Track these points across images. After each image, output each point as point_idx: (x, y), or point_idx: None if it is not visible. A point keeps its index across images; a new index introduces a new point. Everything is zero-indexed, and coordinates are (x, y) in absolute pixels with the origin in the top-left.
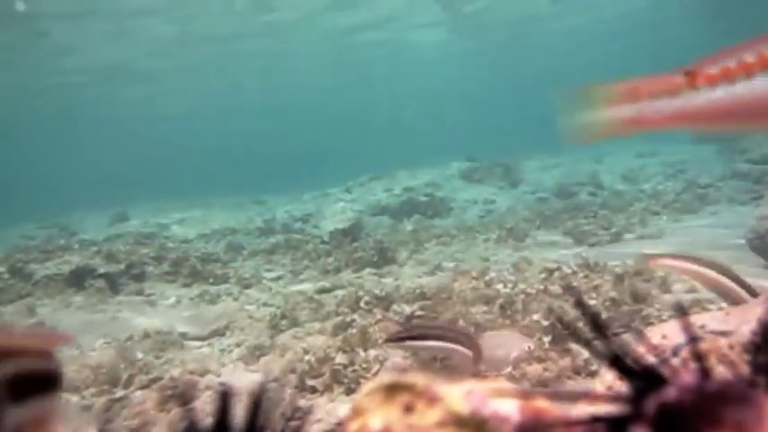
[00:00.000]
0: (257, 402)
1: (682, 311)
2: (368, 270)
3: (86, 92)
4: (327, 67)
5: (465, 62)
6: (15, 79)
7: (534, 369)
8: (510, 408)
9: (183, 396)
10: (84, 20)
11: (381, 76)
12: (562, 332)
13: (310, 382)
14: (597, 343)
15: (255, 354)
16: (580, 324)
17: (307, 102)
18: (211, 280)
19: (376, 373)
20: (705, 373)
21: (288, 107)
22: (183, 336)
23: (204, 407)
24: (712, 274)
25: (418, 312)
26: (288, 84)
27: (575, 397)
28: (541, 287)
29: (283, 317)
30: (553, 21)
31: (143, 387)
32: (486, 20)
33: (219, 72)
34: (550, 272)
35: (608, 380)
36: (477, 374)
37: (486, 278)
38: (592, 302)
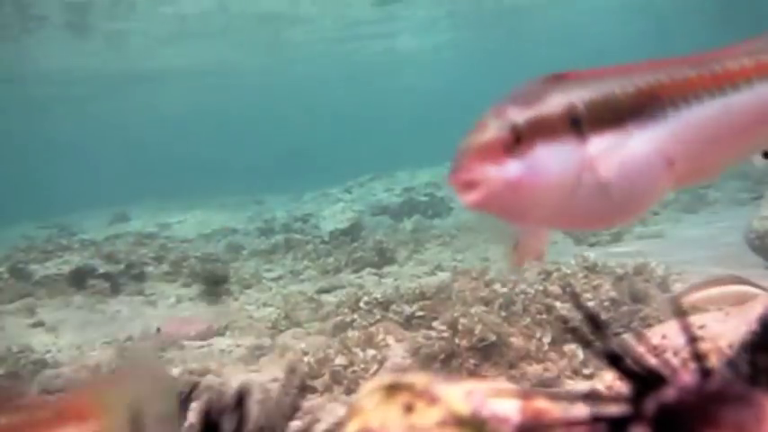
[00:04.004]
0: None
1: (681, 312)
2: (368, 270)
3: (87, 91)
4: (327, 67)
5: (463, 59)
6: (15, 78)
7: (534, 369)
8: (510, 408)
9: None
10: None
11: (380, 75)
12: (562, 332)
13: (310, 383)
14: (597, 343)
15: (255, 354)
16: (580, 324)
17: (307, 101)
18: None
19: (375, 373)
20: (705, 373)
21: (288, 107)
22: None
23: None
24: (738, 288)
25: (418, 312)
26: (288, 83)
27: (575, 397)
28: (541, 287)
29: (284, 317)
30: (551, 13)
31: None
32: (484, 14)
33: (220, 71)
34: (550, 272)
35: (608, 380)
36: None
37: (486, 278)
38: (591, 303)
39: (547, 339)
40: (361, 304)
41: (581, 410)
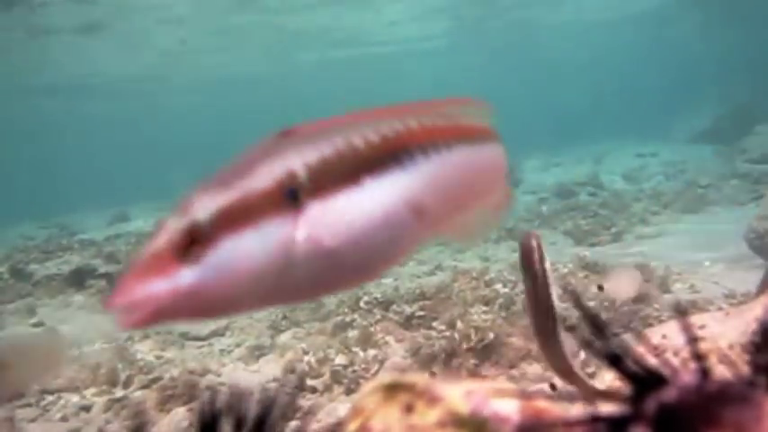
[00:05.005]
0: (262, 403)
1: (681, 312)
2: None
3: (86, 91)
4: (328, 68)
5: (463, 59)
6: (15, 77)
7: (534, 369)
8: (510, 408)
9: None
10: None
11: (380, 74)
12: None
13: (310, 383)
14: (597, 343)
15: (255, 354)
16: (580, 324)
17: (307, 101)
18: None
19: (375, 373)
20: (705, 373)
21: (288, 107)
22: (183, 336)
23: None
24: None
25: (418, 312)
26: (288, 84)
27: (575, 397)
28: None
29: (283, 317)
30: (554, 18)
31: (143, 387)
32: (486, 16)
33: (220, 72)
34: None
35: (608, 380)
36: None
37: (486, 278)
38: (591, 303)
39: None
40: (361, 304)
41: (581, 410)
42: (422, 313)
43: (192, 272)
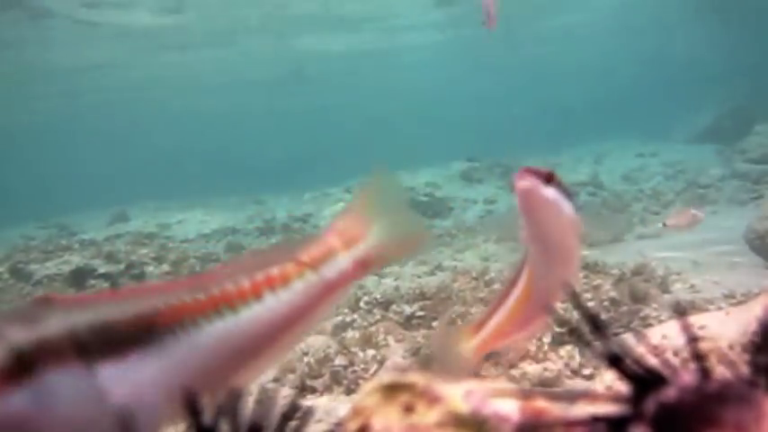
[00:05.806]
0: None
1: (681, 312)
2: None
3: (86, 92)
4: (328, 68)
5: (463, 61)
6: (14, 78)
7: (534, 369)
8: (510, 408)
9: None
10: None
11: (380, 76)
12: (562, 333)
13: (310, 383)
14: (597, 343)
15: None
16: (580, 324)
17: (307, 102)
18: None
19: (375, 373)
20: (705, 373)
21: (288, 107)
22: None
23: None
24: None
25: (418, 312)
26: (289, 84)
27: (575, 397)
28: None
29: None
30: (552, 19)
31: None
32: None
33: (220, 72)
34: None
35: (608, 380)
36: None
37: (486, 278)
38: (591, 303)
39: (547, 339)
40: (361, 304)
41: (581, 410)
42: (422, 313)
43: (25, 395)
